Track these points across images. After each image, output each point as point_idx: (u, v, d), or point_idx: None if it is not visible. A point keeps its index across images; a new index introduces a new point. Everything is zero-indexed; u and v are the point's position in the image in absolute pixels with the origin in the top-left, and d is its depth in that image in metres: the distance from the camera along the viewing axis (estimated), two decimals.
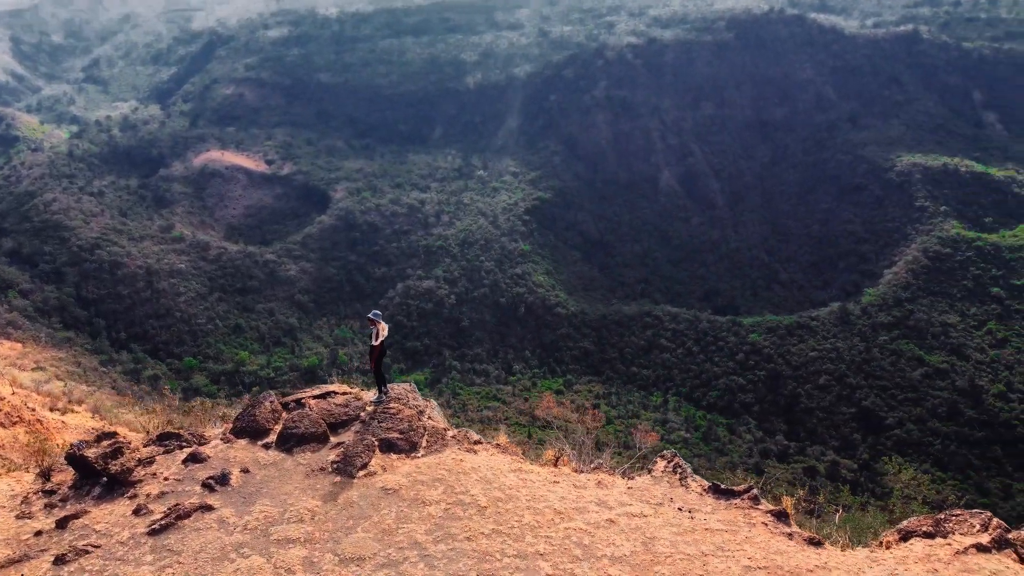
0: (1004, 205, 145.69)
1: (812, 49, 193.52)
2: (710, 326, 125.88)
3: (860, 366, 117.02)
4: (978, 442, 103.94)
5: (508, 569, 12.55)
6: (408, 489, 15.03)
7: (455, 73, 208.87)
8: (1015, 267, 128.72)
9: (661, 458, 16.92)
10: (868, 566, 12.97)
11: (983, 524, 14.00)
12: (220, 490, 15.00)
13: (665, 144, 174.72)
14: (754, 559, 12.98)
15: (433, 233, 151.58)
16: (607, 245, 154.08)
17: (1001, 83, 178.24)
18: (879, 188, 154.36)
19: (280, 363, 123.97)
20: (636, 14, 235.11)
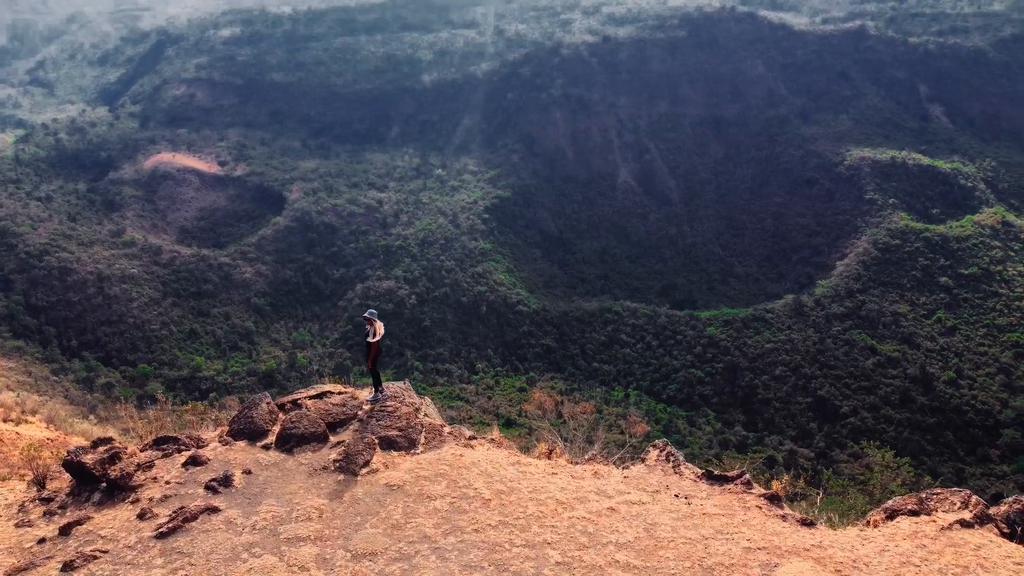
0: (950, 196, 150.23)
1: (763, 46, 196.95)
2: (668, 320, 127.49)
3: (814, 356, 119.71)
4: (930, 428, 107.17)
5: (519, 558, 12.81)
6: (412, 485, 15.21)
7: (411, 71, 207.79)
8: (962, 257, 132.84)
9: (654, 447, 17.35)
10: (860, 543, 13.49)
11: (963, 501, 14.61)
12: (224, 492, 15.01)
13: (622, 141, 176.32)
14: (753, 540, 13.43)
15: (392, 233, 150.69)
16: (567, 242, 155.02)
17: (946, 77, 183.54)
18: (830, 182, 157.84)
19: (237, 368, 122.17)
20: (591, 12, 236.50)
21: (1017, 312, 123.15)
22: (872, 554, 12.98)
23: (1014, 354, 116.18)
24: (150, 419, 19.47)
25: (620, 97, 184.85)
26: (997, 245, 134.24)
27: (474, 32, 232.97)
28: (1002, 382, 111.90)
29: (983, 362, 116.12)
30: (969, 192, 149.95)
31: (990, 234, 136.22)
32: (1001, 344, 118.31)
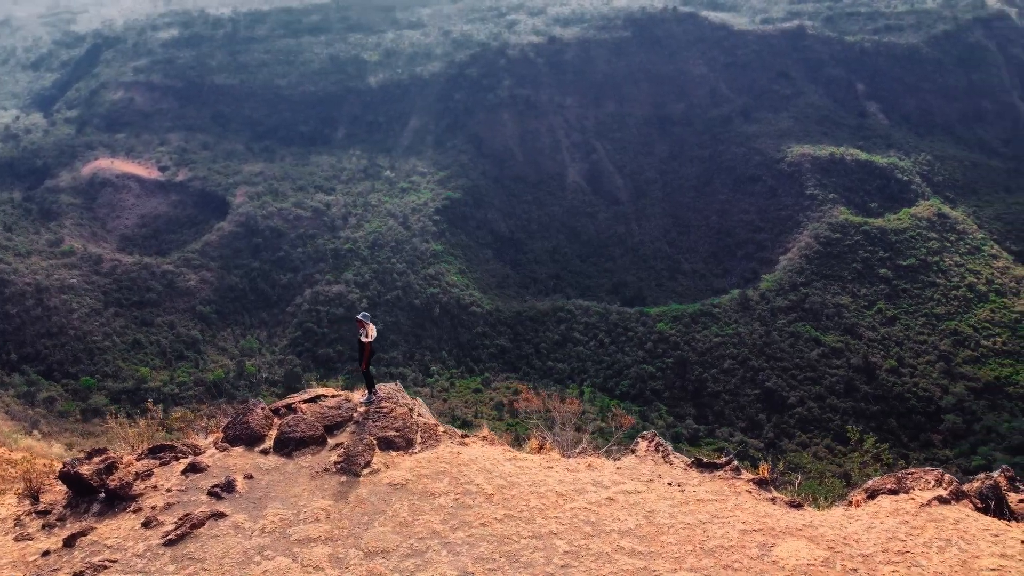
0: (888, 190, 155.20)
1: (705, 46, 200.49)
2: (620, 318, 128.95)
3: (761, 349, 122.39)
4: (874, 415, 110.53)
5: (528, 549, 13.14)
6: (415, 483, 15.43)
7: (357, 72, 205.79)
8: (900, 249, 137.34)
9: (643, 439, 17.80)
10: (847, 522, 14.11)
11: (937, 480, 15.40)
12: (227, 497, 15.01)
13: (570, 141, 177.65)
14: (747, 523, 13.98)
15: (341, 236, 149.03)
16: (518, 242, 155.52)
17: (882, 74, 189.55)
18: (772, 178, 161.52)
19: (184, 378, 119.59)
20: (536, 13, 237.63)
21: (954, 301, 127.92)
22: (860, 531, 13.63)
23: (953, 342, 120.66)
24: (140, 428, 19.12)
25: (567, 97, 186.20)
26: (934, 236, 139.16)
27: (420, 33, 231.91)
28: (942, 369, 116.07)
29: (923, 350, 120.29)
30: (906, 186, 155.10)
31: (927, 226, 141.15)
32: (940, 332, 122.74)
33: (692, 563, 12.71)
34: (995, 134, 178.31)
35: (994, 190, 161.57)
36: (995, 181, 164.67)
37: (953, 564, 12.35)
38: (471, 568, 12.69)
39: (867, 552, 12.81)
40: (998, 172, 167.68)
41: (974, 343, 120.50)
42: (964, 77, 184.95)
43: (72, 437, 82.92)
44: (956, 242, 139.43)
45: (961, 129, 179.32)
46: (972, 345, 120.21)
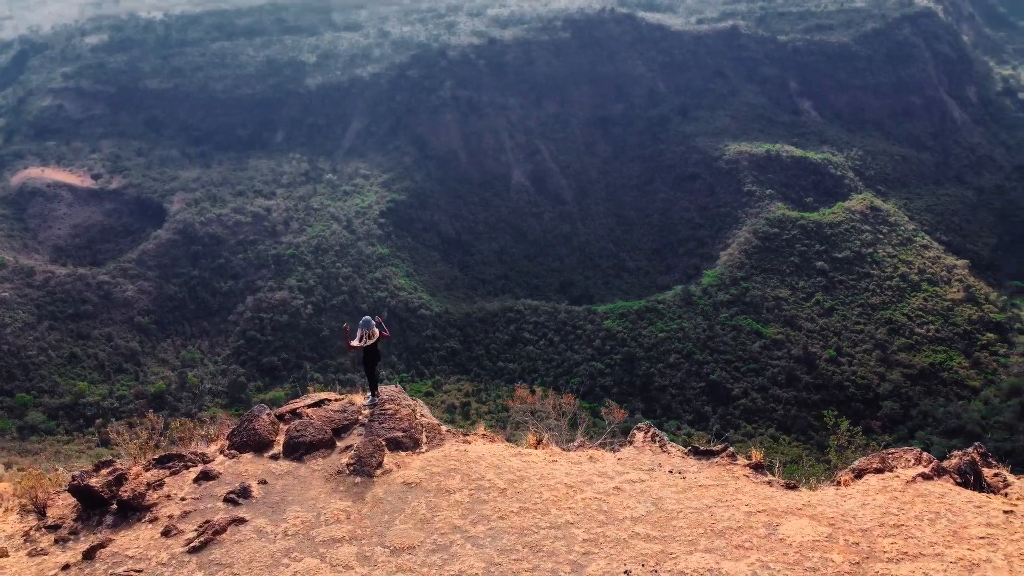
0: (822, 185, 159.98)
1: (643, 46, 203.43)
2: (568, 316, 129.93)
3: (705, 343, 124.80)
4: (815, 404, 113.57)
5: (548, 539, 13.54)
6: (428, 481, 15.68)
7: (294, 75, 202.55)
8: (835, 241, 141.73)
9: (639, 430, 18.35)
10: (842, 500, 14.77)
11: (916, 458, 16.27)
12: (244, 503, 15.06)
13: (514, 142, 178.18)
14: (751, 505, 14.58)
15: (283, 241, 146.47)
16: (465, 244, 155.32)
17: (814, 72, 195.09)
18: (710, 176, 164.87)
19: (124, 391, 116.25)
20: (475, 14, 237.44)
21: (888, 291, 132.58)
22: (855, 508, 14.31)
23: (888, 330, 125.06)
24: (142, 439, 18.68)
25: (509, 98, 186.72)
26: (867, 229, 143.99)
27: (358, 34, 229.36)
28: (879, 357, 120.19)
29: (860, 339, 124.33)
30: (839, 180, 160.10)
31: (860, 219, 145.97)
32: (875, 322, 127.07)
33: (706, 544, 13.24)
34: (923, 128, 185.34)
35: (923, 183, 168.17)
36: (924, 174, 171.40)
37: (945, 534, 13.12)
38: (497, 559, 12.98)
39: (865, 527, 13.53)
40: (927, 165, 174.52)
41: (908, 331, 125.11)
42: (893, 73, 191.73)
43: (10, 456, 79.53)
44: (888, 234, 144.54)
45: (891, 124, 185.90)
46: (907, 333, 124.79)
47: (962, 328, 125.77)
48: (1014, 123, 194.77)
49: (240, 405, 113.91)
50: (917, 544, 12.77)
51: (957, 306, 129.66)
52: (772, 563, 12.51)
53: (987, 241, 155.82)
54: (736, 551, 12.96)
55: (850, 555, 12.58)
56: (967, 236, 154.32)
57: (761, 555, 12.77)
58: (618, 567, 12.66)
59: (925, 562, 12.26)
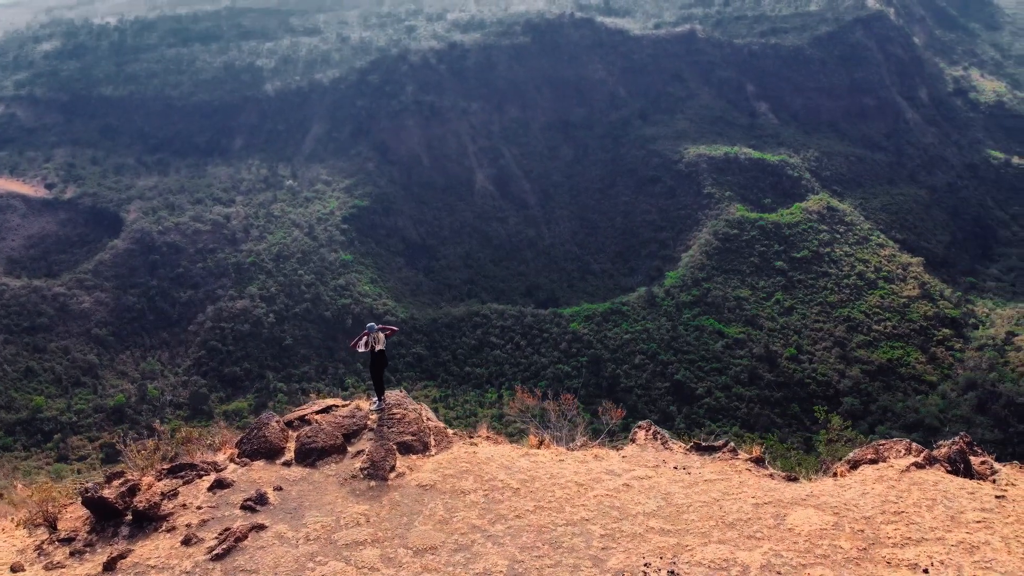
0: (780, 186, 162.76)
1: (602, 51, 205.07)
2: (534, 320, 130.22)
3: (669, 343, 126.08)
4: (778, 402, 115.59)
5: (567, 535, 13.79)
6: (442, 483, 15.89)
7: (253, 80, 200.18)
8: (794, 241, 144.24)
9: (640, 428, 18.73)
10: (842, 490, 15.26)
11: (906, 448, 16.90)
12: (262, 510, 15.09)
13: (477, 147, 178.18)
14: (757, 497, 15.01)
15: (243, 249, 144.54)
16: (430, 249, 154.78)
17: (770, 75, 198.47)
18: (671, 179, 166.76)
19: (83, 405, 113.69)
20: (435, 19, 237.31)
21: (846, 289, 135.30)
22: (856, 497, 14.82)
23: (846, 328, 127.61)
24: (150, 450, 18.60)
25: (471, 103, 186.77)
26: (824, 229, 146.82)
27: (317, 39, 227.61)
28: (838, 354, 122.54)
29: (819, 337, 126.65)
30: (796, 181, 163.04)
31: (817, 219, 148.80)
32: (834, 319, 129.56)
33: (719, 536, 13.62)
34: (877, 129, 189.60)
35: (878, 182, 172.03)
36: (879, 174, 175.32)
37: (943, 519, 13.71)
38: (519, 557, 13.18)
39: (868, 515, 14.04)
40: (881, 165, 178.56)
41: (866, 328, 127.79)
42: (847, 76, 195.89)
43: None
44: (845, 233, 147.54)
45: (845, 125, 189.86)
46: (865, 330, 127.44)
47: (918, 324, 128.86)
48: (965, 123, 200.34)
49: (202, 417, 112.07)
50: (919, 529, 13.35)
51: (913, 303, 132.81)
52: (784, 552, 12.93)
53: (940, 239, 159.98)
54: (748, 541, 13.38)
55: (857, 541, 13.09)
56: (921, 234, 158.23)
57: (773, 544, 13.20)
58: (637, 560, 12.96)
59: (928, 546, 12.80)
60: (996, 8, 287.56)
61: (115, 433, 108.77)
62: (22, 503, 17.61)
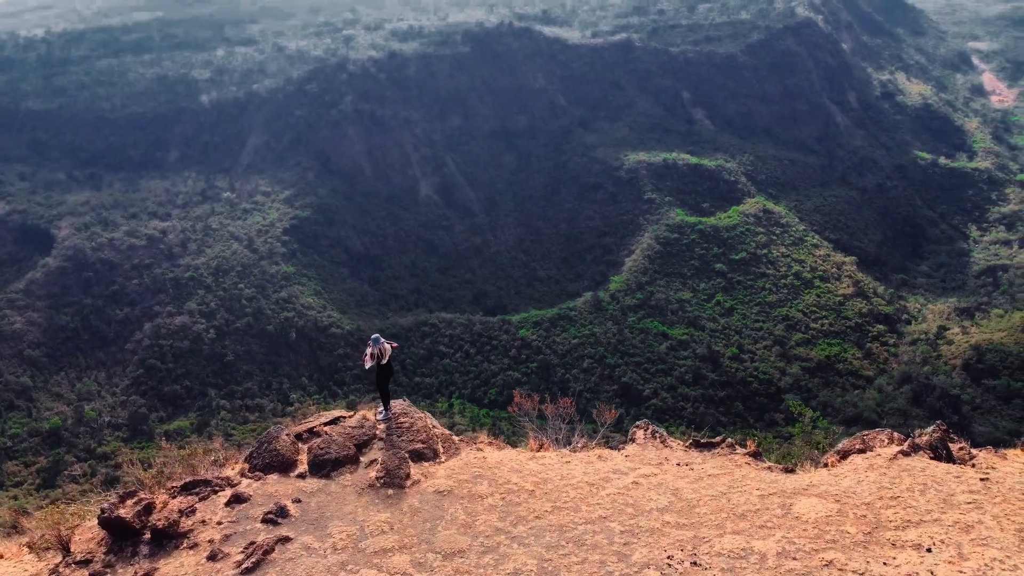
0: (717, 191, 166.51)
1: (542, 59, 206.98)
2: (483, 327, 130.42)
3: (616, 346, 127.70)
4: (722, 401, 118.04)
5: (589, 533, 14.11)
6: (459, 488, 16.09)
7: (187, 92, 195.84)
8: (732, 244, 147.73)
9: (638, 428, 19.21)
10: (837, 479, 15.94)
11: (889, 437, 17.76)
12: (283, 522, 15.08)
13: (420, 155, 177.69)
14: (761, 489, 15.57)
15: (180, 264, 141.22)
16: (375, 259, 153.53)
17: (705, 82, 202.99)
18: (612, 185, 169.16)
19: (17, 430, 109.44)
20: (373, 28, 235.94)
21: (784, 289, 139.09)
22: (853, 485, 15.51)
23: (785, 327, 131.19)
24: (155, 468, 18.34)
25: (413, 112, 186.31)
26: (761, 231, 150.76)
27: (252, 49, 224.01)
28: (778, 353, 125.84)
29: (760, 336, 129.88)
30: (733, 185, 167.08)
31: (754, 222, 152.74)
32: (773, 319, 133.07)
33: (732, 527, 14.12)
34: (809, 133, 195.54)
35: (811, 185, 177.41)
36: (811, 177, 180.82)
37: (937, 502, 14.50)
38: (547, 556, 13.46)
39: (867, 501, 14.73)
40: (813, 168, 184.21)
41: (804, 326, 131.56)
42: (779, 82, 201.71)
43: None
44: (781, 235, 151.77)
45: (779, 130, 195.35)
46: (803, 328, 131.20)
47: (853, 321, 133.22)
48: (892, 126, 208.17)
49: (142, 437, 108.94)
50: (916, 512, 14.10)
51: (848, 301, 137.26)
52: (796, 539, 13.50)
53: (872, 238, 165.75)
54: (761, 531, 13.92)
55: (862, 526, 13.76)
56: (853, 234, 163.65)
57: (784, 533, 13.76)
58: (660, 554, 13.34)
59: (927, 527, 13.56)
60: (920, 13, 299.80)
61: (52, 457, 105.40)
62: (25, 527, 17.21)
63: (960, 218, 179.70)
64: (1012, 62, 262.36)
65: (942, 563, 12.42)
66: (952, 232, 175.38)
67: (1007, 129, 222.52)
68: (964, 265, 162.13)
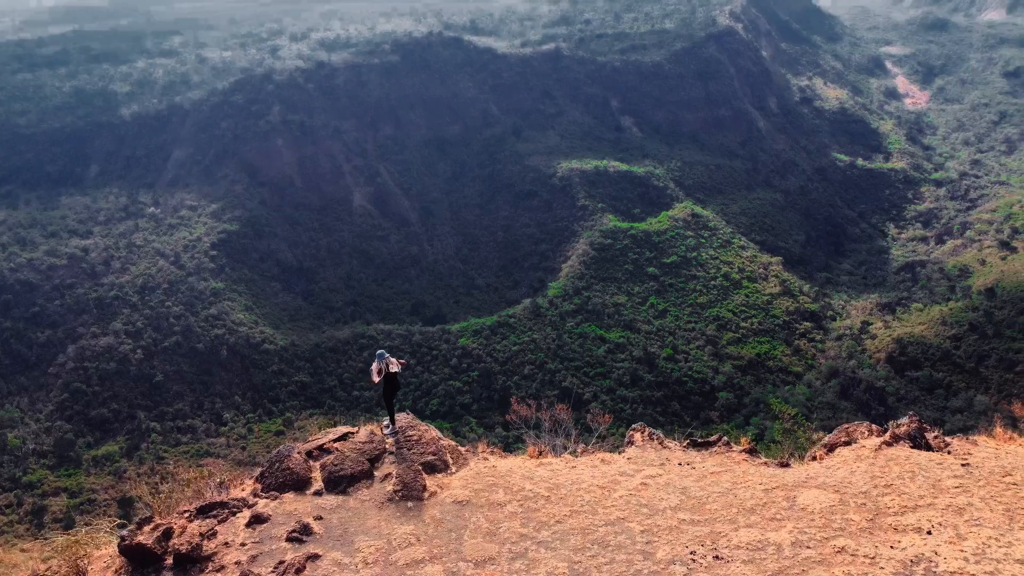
0: (647, 196, 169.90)
1: (472, 69, 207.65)
2: (423, 337, 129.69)
3: (555, 352, 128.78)
4: (659, 401, 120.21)
5: (611, 534, 14.40)
6: (476, 497, 16.22)
7: (107, 105, 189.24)
8: (663, 248, 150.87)
9: (635, 431, 19.62)
10: (831, 471, 16.60)
11: (868, 430, 18.60)
12: (309, 540, 14.97)
13: (351, 165, 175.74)
14: (764, 483, 16.10)
15: (104, 283, 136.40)
16: (308, 271, 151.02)
17: (632, 90, 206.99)
18: (546, 192, 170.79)
19: None
20: (299, 38, 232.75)
21: (714, 290, 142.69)
22: (847, 476, 16.16)
23: (716, 326, 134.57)
24: (165, 492, 17.94)
25: (343, 122, 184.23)
26: (690, 235, 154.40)
27: (174, 61, 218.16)
28: (711, 352, 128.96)
29: (692, 337, 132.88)
30: (662, 191, 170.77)
31: (683, 225, 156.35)
32: (705, 319, 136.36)
33: (744, 521, 14.57)
34: (733, 138, 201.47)
35: (736, 188, 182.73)
36: (737, 181, 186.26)
37: (927, 488, 15.26)
38: (575, 558, 13.69)
39: (864, 490, 15.38)
40: (738, 172, 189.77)
41: (735, 326, 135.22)
42: (703, 89, 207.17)
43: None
44: (710, 238, 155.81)
45: (704, 136, 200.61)
46: (733, 328, 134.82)
47: (781, 319, 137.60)
48: (812, 129, 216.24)
49: (70, 464, 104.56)
50: (910, 498, 14.82)
51: (775, 300, 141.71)
52: (806, 529, 14.05)
53: (796, 238, 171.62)
54: (772, 523, 14.41)
55: (864, 513, 14.40)
56: (778, 235, 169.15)
57: (794, 524, 14.29)
58: (682, 549, 13.70)
59: (924, 512, 14.27)
60: (835, 20, 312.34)
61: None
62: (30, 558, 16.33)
63: (878, 217, 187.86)
64: (924, 65, 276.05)
65: (943, 544, 13.10)
66: (871, 230, 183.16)
67: (920, 130, 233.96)
68: (884, 262, 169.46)
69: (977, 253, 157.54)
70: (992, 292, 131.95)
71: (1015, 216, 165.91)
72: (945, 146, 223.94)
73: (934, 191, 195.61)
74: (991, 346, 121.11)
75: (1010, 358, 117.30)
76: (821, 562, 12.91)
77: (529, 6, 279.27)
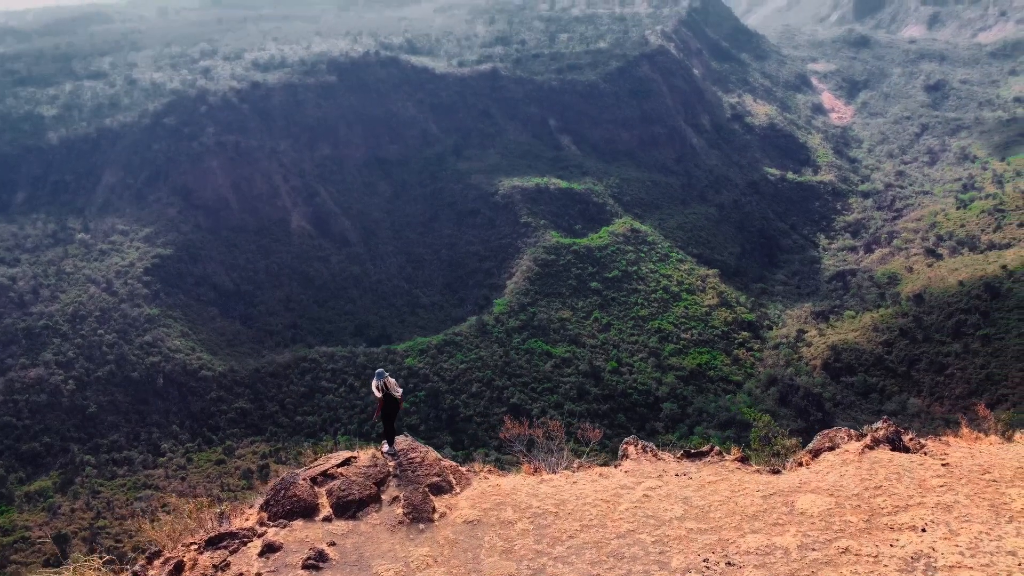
0: (587, 212, 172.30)
1: (410, 88, 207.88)
2: (367, 359, 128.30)
3: (503, 368, 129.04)
4: (605, 413, 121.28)
5: (624, 547, 14.52)
6: (486, 516, 16.24)
7: (33, 129, 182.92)
8: (604, 263, 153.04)
9: (629, 444, 19.87)
10: (821, 476, 17.06)
11: (848, 435, 19.21)
12: (325, 566, 14.72)
13: (289, 186, 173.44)
14: (761, 490, 16.45)
15: (33, 312, 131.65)
16: (246, 295, 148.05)
17: (569, 110, 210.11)
18: (489, 210, 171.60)
19: None
20: (232, 58, 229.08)
21: (655, 303, 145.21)
22: (836, 479, 16.61)
23: (659, 338, 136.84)
24: (169, 525, 17.41)
25: (279, 142, 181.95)
26: (630, 249, 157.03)
27: (103, 83, 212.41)
28: (654, 364, 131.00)
29: (636, 349, 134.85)
30: (602, 207, 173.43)
31: (623, 240, 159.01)
32: (647, 332, 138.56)
33: (748, 527, 14.86)
34: (668, 155, 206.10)
35: (673, 204, 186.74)
36: (673, 196, 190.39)
37: (913, 488, 15.77)
38: (593, 571, 13.78)
39: (856, 492, 15.81)
40: (674, 188, 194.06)
41: (676, 337, 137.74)
42: (638, 107, 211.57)
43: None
44: (649, 252, 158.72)
45: (640, 154, 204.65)
46: (675, 339, 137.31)
47: (720, 330, 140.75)
48: (743, 145, 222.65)
49: (1, 501, 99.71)
50: (900, 498, 15.34)
51: (713, 311, 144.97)
52: (809, 532, 14.44)
53: (731, 251, 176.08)
54: (775, 528, 14.75)
55: (860, 515, 14.84)
56: (714, 248, 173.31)
57: (797, 527, 14.65)
58: (695, 558, 13.93)
59: (915, 511, 14.75)
60: (762, 39, 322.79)
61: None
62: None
63: (809, 228, 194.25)
64: (848, 81, 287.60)
65: (939, 540, 13.62)
66: (803, 241, 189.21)
67: (847, 143, 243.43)
68: (816, 271, 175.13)
69: (904, 261, 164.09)
70: (920, 298, 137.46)
71: (939, 224, 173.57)
72: (870, 158, 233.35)
73: (861, 202, 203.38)
74: (921, 350, 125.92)
75: (940, 361, 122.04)
76: (828, 563, 13.30)
77: (466, 27, 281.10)
